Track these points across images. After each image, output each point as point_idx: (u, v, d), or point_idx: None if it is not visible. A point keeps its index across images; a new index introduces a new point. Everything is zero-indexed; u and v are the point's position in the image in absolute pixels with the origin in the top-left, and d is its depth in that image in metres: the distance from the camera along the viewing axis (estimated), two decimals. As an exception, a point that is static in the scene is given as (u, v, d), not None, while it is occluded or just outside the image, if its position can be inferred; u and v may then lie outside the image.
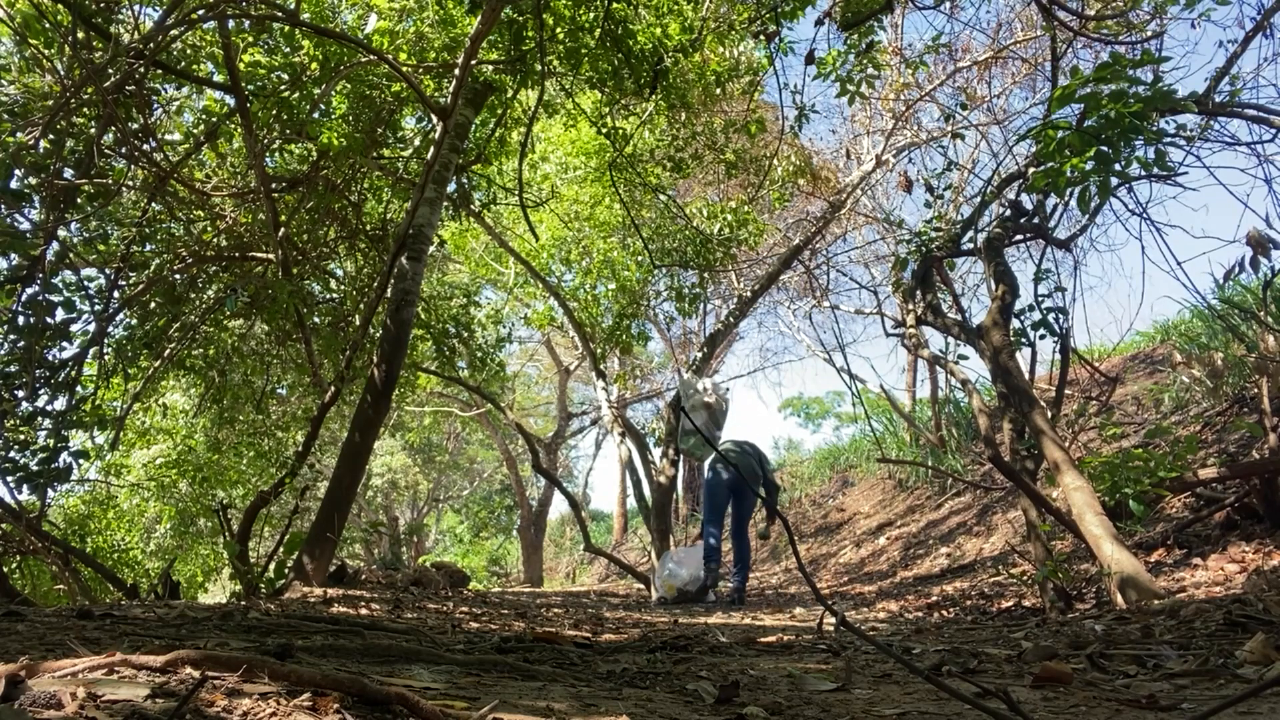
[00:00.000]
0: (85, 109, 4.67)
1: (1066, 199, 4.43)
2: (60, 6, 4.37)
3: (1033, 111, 9.86)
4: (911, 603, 5.48)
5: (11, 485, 4.62)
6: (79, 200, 4.95)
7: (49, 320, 4.63)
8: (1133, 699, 1.70)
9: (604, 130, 7.40)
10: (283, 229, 5.76)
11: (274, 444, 8.67)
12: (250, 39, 5.48)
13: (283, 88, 5.39)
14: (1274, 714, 1.49)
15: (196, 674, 1.32)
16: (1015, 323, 4.88)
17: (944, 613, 4.84)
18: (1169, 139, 3.96)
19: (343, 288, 7.34)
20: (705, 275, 9.86)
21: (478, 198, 8.45)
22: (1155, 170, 3.86)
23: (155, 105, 5.39)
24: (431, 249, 6.80)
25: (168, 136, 5.66)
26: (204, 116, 5.73)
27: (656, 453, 9.62)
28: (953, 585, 6.14)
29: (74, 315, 4.99)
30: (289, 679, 1.32)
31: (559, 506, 21.01)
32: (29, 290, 4.47)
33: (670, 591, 6.97)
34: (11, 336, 4.58)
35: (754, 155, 8.81)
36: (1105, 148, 3.46)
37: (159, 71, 5.07)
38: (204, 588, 10.99)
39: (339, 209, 6.54)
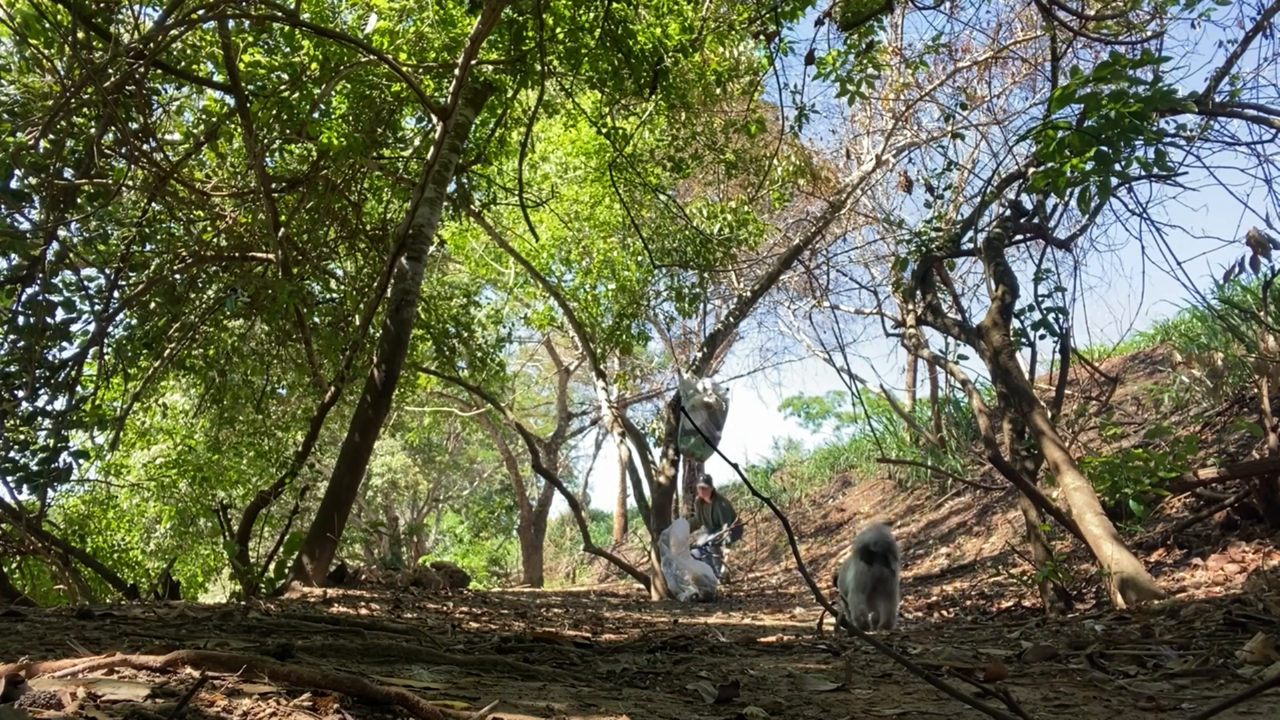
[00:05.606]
0: (85, 109, 4.67)
1: (1066, 199, 4.43)
2: (60, 6, 4.37)
3: (1033, 111, 9.86)
4: (911, 603, 5.47)
5: (11, 485, 4.62)
6: (79, 200, 4.95)
7: (49, 320, 4.63)
8: (1132, 699, 1.70)
9: (604, 130, 7.40)
10: (283, 229, 5.76)
11: (274, 444, 8.67)
12: (250, 39, 5.47)
13: (283, 88, 5.39)
14: (1274, 714, 1.49)
15: (196, 674, 1.32)
16: (1015, 323, 4.88)
17: (944, 613, 4.84)
18: (1169, 139, 3.96)
19: (343, 288, 7.33)
20: (705, 275, 9.86)
21: (478, 198, 8.44)
22: (1155, 170, 3.86)
23: (155, 105, 5.38)
24: (431, 249, 6.80)
25: (168, 136, 5.65)
26: (204, 116, 5.73)
27: (656, 453, 9.62)
28: (953, 585, 6.14)
29: (74, 315, 4.99)
30: (289, 679, 1.32)
31: (559, 506, 21.02)
32: (29, 290, 4.47)
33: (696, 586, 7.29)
34: (11, 336, 4.58)
35: (754, 155, 8.81)
36: (1105, 148, 3.45)
37: (159, 71, 5.06)
38: (204, 588, 10.98)
39: (339, 209, 6.54)
